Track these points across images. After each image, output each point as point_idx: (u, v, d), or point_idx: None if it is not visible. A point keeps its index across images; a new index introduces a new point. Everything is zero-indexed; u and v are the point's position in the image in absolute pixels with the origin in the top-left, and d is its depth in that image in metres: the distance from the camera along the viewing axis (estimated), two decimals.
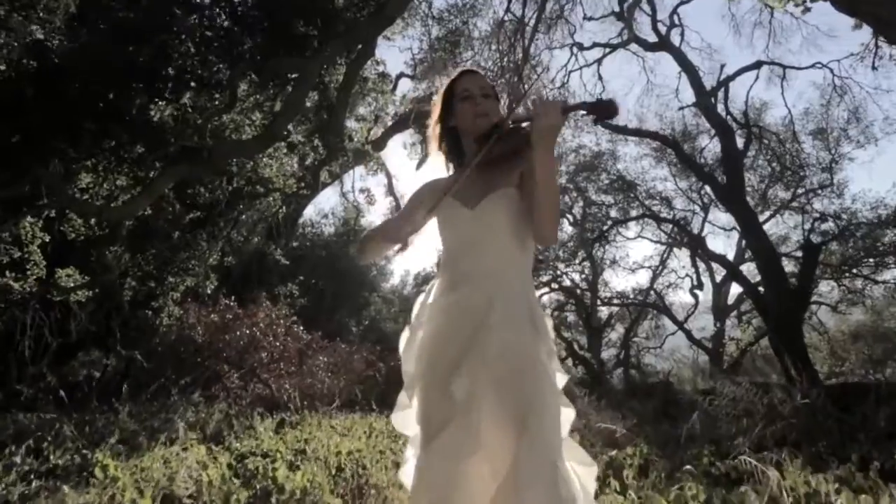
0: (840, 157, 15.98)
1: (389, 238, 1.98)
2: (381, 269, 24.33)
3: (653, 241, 19.66)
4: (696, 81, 13.10)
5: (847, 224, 14.10)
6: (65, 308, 6.97)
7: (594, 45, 13.31)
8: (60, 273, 6.66)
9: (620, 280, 50.00)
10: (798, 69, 13.44)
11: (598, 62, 13.85)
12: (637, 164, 19.27)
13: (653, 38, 13.30)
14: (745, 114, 13.47)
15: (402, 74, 13.51)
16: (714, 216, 19.14)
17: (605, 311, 22.16)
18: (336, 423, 7.63)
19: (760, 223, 12.97)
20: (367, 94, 10.08)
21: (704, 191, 17.70)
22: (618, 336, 23.11)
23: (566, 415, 1.91)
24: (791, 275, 13.47)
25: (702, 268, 20.22)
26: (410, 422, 1.96)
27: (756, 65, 13.40)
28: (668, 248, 20.08)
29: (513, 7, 10.17)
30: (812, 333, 18.65)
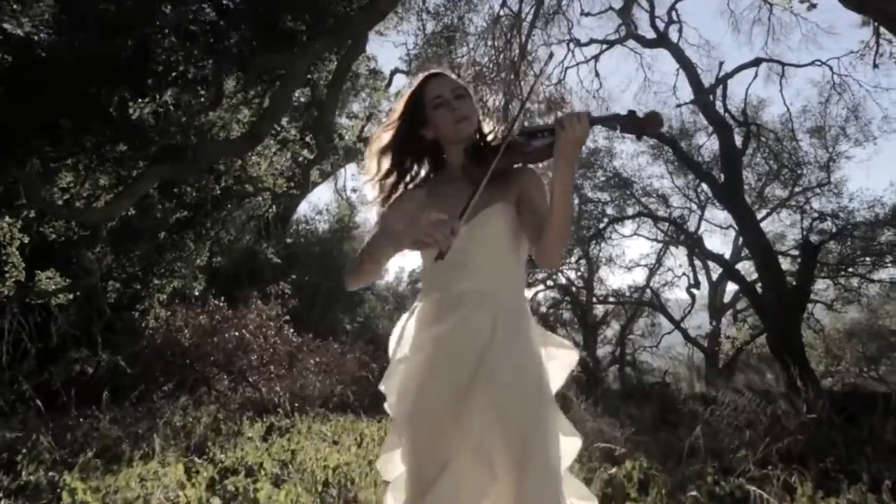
0: (837, 156, 15.90)
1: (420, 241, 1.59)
2: None
3: (649, 239, 19.53)
4: (695, 79, 12.93)
5: (845, 224, 13.99)
6: (45, 311, 6.75)
7: (591, 42, 13.14)
8: (41, 276, 6.45)
9: (616, 278, 49.93)
10: (797, 67, 13.32)
11: (596, 58, 13.68)
12: (634, 162, 19.06)
13: (651, 35, 13.13)
14: (744, 111, 13.32)
15: (397, 70, 13.31)
16: (711, 214, 19.03)
17: (601, 309, 22.05)
18: (326, 429, 7.45)
19: (759, 222, 12.82)
20: (360, 91, 9.88)
21: (701, 188, 17.57)
22: (613, 333, 23.02)
23: (571, 445, 1.77)
24: (787, 273, 13.38)
25: (698, 265, 20.13)
26: (396, 463, 1.78)
27: (755, 62, 13.25)
28: (665, 247, 19.95)
29: (509, 2, 9.97)
30: (807, 331, 18.62)
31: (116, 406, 7.28)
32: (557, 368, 1.83)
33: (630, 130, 1.57)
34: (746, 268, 18.86)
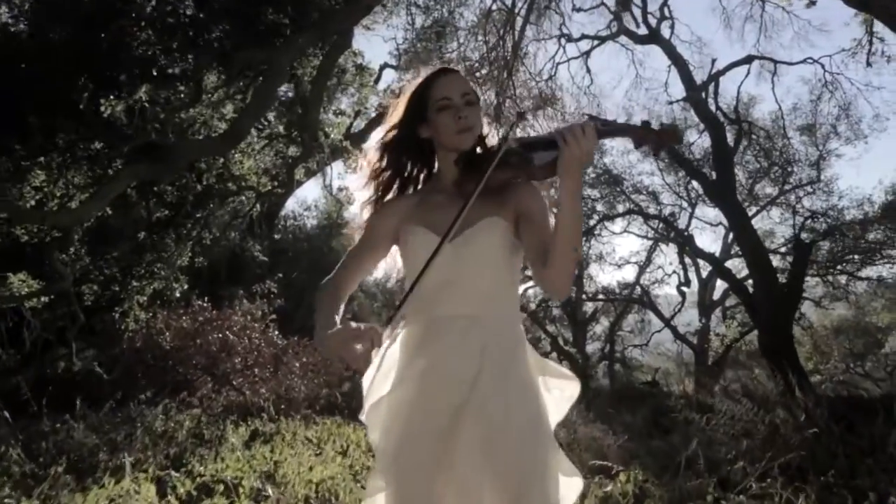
0: (828, 154, 15.87)
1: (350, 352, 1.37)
2: None
3: (639, 237, 19.45)
4: (686, 75, 12.82)
5: (836, 223, 13.97)
6: (18, 316, 6.48)
7: (583, 37, 12.97)
8: (12, 278, 6.18)
9: (606, 275, 50.00)
10: (789, 64, 13.23)
11: (587, 54, 13.51)
12: (624, 159, 18.90)
13: (643, 31, 12.98)
14: (736, 109, 13.22)
15: (386, 65, 13.07)
16: (701, 211, 18.96)
17: (591, 306, 21.98)
18: (311, 434, 7.26)
19: (750, 221, 12.74)
20: (347, 87, 9.63)
21: (692, 186, 17.48)
22: (603, 329, 22.99)
23: (572, 487, 1.59)
24: (777, 270, 13.35)
25: (687, 261, 20.09)
26: None
27: (747, 59, 13.14)
28: (655, 244, 19.89)
29: None
30: (796, 328, 18.69)
31: (94, 412, 7.06)
32: (557, 401, 1.65)
33: (644, 144, 1.39)
34: (736, 265, 18.86)
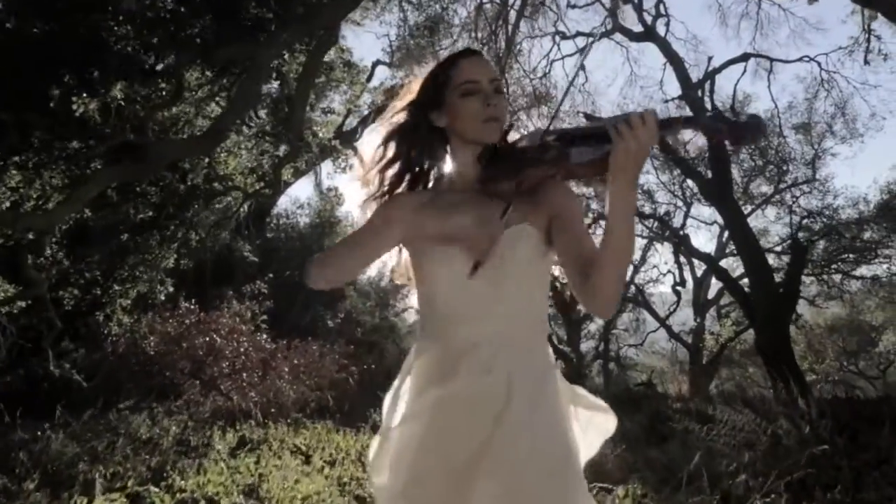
0: (823, 153, 15.81)
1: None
2: None
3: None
4: (682, 73, 12.66)
5: (831, 222, 13.89)
6: None
7: (577, 34, 12.78)
8: None
9: None
10: (786, 62, 13.07)
11: (582, 52, 13.32)
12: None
13: (638, 28, 12.82)
14: (733, 108, 13.08)
15: (379, 62, 12.85)
16: (697, 210, 18.85)
17: None
18: (300, 442, 7.07)
19: (747, 221, 12.61)
20: (338, 85, 9.39)
21: (687, 184, 17.36)
22: (597, 328, 22.88)
23: None
24: (773, 269, 13.26)
25: (682, 260, 19.99)
26: None
27: (743, 57, 13.00)
28: (650, 243, 19.77)
29: None
30: (791, 327, 18.66)
31: (76, 419, 6.85)
32: (588, 436, 1.46)
33: (721, 138, 1.12)
34: (731, 263, 18.78)
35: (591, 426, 1.46)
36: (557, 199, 1.36)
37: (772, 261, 15.29)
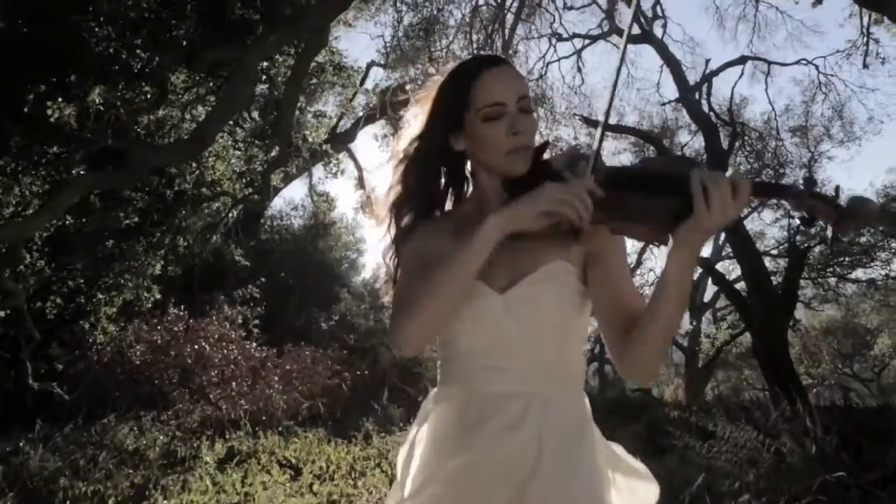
0: (819, 156, 15.76)
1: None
2: (353, 263, 23.61)
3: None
4: (679, 76, 12.55)
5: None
6: None
7: (574, 36, 12.65)
8: None
9: None
10: (784, 65, 12.99)
11: (578, 54, 13.20)
12: (615, 159, 18.65)
13: (635, 30, 12.68)
14: (730, 111, 12.97)
15: (374, 63, 12.68)
16: None
17: None
18: (290, 454, 6.90)
19: (745, 225, 12.50)
20: (333, 87, 9.21)
21: None
22: (592, 330, 22.73)
23: None
24: (771, 272, 13.18)
25: None
26: None
27: (740, 60, 12.89)
28: (645, 246, 19.68)
29: None
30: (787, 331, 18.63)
31: (59, 431, 6.68)
32: None
33: (813, 216, 0.97)
34: (726, 266, 18.69)
35: (631, 496, 1.29)
36: (598, 236, 1.15)
37: (768, 263, 15.23)
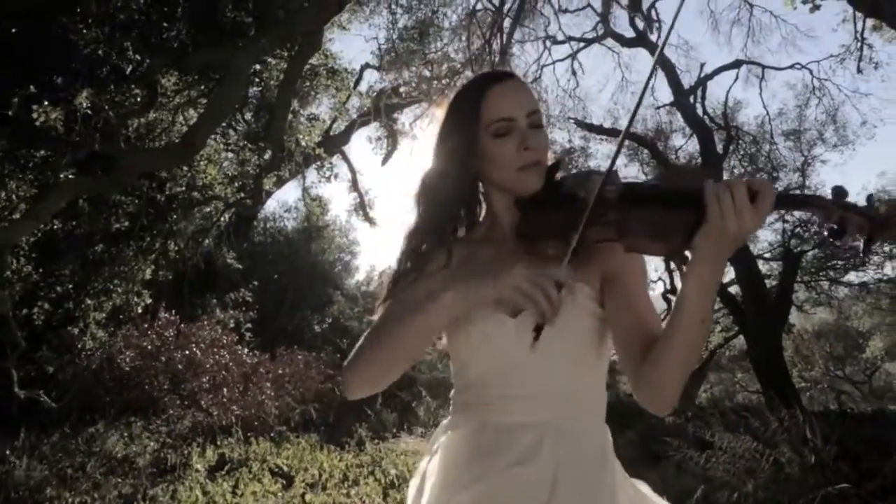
0: (813, 159, 15.78)
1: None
2: (346, 265, 23.54)
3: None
4: (674, 79, 12.53)
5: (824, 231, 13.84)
6: None
7: (569, 39, 12.60)
8: None
9: None
10: (778, 70, 12.96)
11: (572, 57, 13.17)
12: (609, 161, 18.57)
13: (629, 34, 12.67)
14: (725, 114, 12.96)
15: (367, 65, 12.62)
16: None
17: None
18: (282, 461, 6.81)
19: None
20: (327, 89, 9.13)
21: None
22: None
23: None
24: (763, 275, 13.20)
25: (673, 268, 19.91)
26: None
27: (735, 64, 12.89)
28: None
29: None
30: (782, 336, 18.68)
31: (45, 439, 6.57)
32: None
33: (846, 229, 0.89)
34: None
35: None
36: (616, 255, 1.10)
37: (761, 267, 15.26)
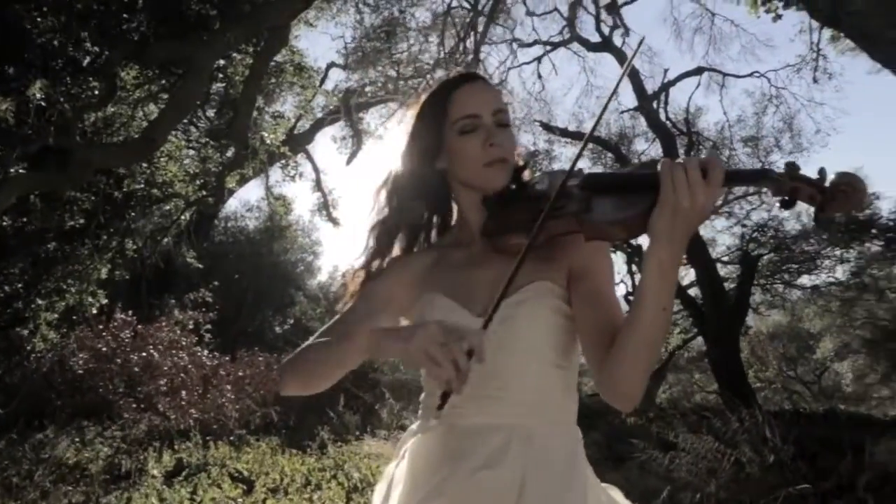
0: (769, 166, 16.22)
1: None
2: (309, 266, 23.32)
3: (608, 240, 19.42)
4: (638, 85, 12.76)
5: (783, 235, 14.27)
6: None
7: (535, 43, 12.72)
8: None
9: None
10: (738, 77, 13.36)
11: (538, 60, 13.30)
12: (572, 161, 18.75)
13: (595, 38, 12.86)
14: (687, 120, 13.26)
15: (333, 64, 12.50)
16: None
17: None
18: (242, 466, 6.65)
19: (700, 234, 12.78)
20: (292, 87, 8.99)
21: None
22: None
23: None
24: (724, 278, 13.52)
25: (635, 270, 20.25)
26: None
27: (697, 71, 13.21)
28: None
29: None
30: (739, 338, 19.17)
31: None
32: None
33: (793, 199, 0.89)
34: (679, 273, 19.05)
35: None
36: (581, 251, 1.10)
37: (720, 269, 15.64)
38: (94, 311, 7.77)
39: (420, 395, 1.23)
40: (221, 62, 6.09)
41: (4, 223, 5.96)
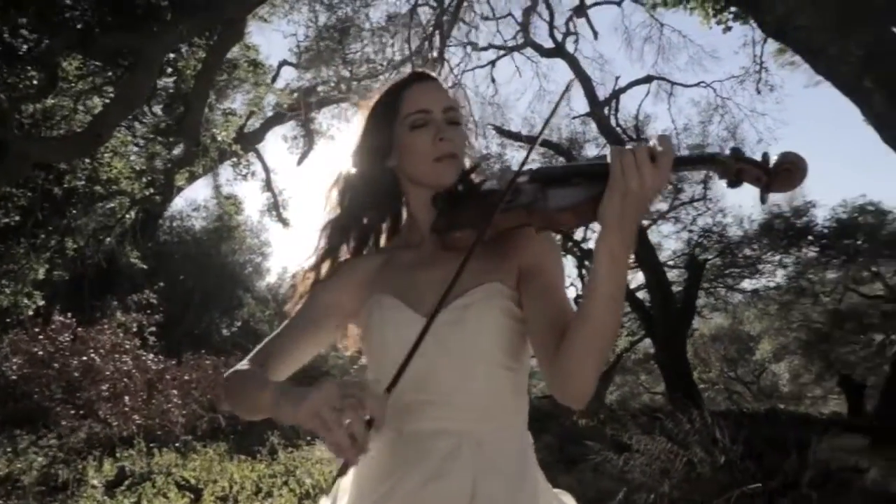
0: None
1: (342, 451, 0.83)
2: (258, 267, 22.91)
3: (559, 230, 19.66)
4: (590, 91, 13.01)
5: (727, 241, 14.74)
6: None
7: (489, 47, 12.84)
8: None
9: None
10: (685, 86, 13.80)
11: (492, 64, 13.42)
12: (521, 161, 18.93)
13: (548, 44, 13.06)
14: (637, 127, 13.58)
15: (285, 62, 12.28)
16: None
17: None
18: (189, 474, 6.43)
19: (648, 238, 13.11)
20: (241, 84, 8.77)
21: None
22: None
23: None
24: (671, 282, 13.88)
25: (584, 274, 20.58)
26: None
27: (646, 79, 13.56)
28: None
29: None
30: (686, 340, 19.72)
31: None
32: None
33: (739, 181, 0.91)
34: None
35: None
36: (531, 248, 1.10)
37: (667, 273, 16.07)
38: (30, 314, 7.38)
39: None
40: (171, 55, 5.87)
41: None
